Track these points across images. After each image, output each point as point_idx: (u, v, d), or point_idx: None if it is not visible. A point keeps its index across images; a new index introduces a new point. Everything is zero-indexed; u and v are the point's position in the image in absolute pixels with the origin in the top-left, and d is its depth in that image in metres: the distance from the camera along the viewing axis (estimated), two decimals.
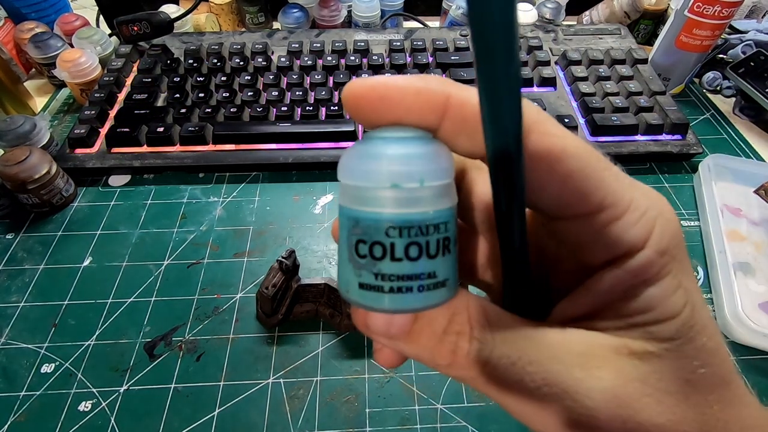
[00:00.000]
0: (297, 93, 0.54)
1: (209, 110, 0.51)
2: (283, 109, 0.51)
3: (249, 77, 0.55)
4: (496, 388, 0.13)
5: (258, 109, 0.51)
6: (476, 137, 0.12)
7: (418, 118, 0.12)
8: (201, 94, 0.53)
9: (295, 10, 0.66)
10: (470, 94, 0.12)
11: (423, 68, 0.57)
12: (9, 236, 0.45)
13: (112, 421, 0.33)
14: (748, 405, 0.13)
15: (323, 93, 0.53)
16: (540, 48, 0.60)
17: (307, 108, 0.51)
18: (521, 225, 0.13)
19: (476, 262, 0.17)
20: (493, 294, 0.17)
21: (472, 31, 0.10)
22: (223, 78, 0.55)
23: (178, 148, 0.50)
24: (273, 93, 0.53)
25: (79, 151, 0.49)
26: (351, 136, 0.49)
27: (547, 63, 0.57)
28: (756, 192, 0.46)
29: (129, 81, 0.57)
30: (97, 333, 0.38)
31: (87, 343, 0.37)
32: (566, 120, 0.50)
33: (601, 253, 0.13)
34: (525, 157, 0.12)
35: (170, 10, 0.64)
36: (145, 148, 0.49)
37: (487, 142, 0.11)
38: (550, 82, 0.56)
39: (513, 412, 0.13)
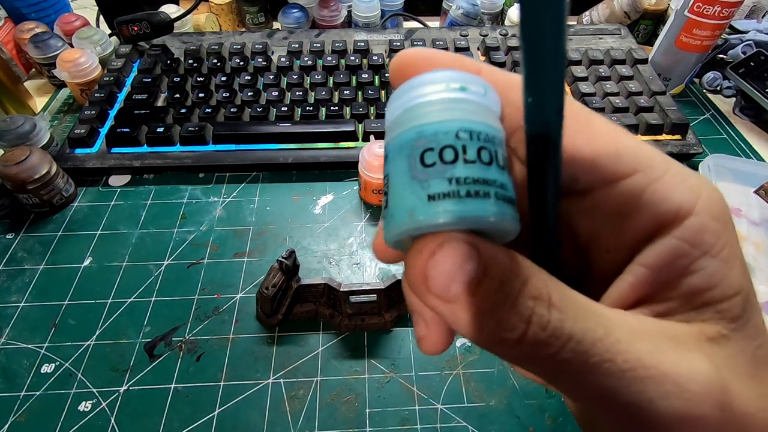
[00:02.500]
0: (297, 93, 0.54)
1: (209, 110, 0.51)
2: (283, 109, 0.51)
3: (249, 77, 0.55)
4: (573, 371, 0.11)
5: (258, 109, 0.51)
6: (505, 107, 0.13)
7: None
8: (201, 94, 0.53)
9: (295, 10, 0.66)
10: (499, 70, 0.13)
11: None
12: (9, 236, 0.45)
13: (112, 421, 0.33)
14: None
15: (323, 93, 0.53)
16: None
17: (307, 108, 0.51)
18: (555, 207, 0.12)
19: None
20: None
21: (523, 12, 0.10)
22: (223, 78, 0.55)
23: (178, 148, 0.50)
24: (273, 93, 0.53)
25: (79, 151, 0.49)
26: (351, 136, 0.49)
27: None
28: (756, 192, 0.46)
29: (129, 81, 0.57)
30: (97, 333, 0.38)
31: (87, 343, 0.37)
32: None
33: (645, 219, 0.12)
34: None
35: (170, 10, 0.64)
36: (145, 148, 0.49)
37: (527, 124, 0.11)
38: None
39: (588, 401, 0.11)
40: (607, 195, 0.12)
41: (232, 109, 0.51)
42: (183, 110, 0.51)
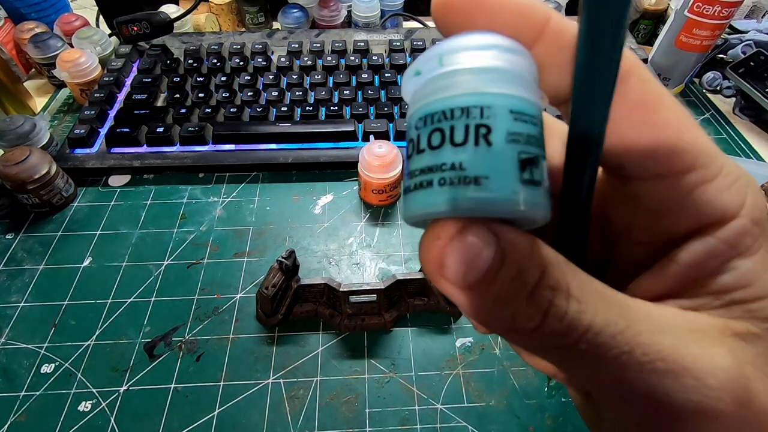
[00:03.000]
0: (297, 93, 0.54)
1: (209, 110, 0.51)
2: (283, 109, 0.51)
3: (249, 77, 0.55)
4: (590, 362, 0.10)
5: (258, 109, 0.51)
6: (566, 74, 0.11)
7: (513, 33, 0.11)
8: (201, 94, 0.53)
9: (295, 10, 0.66)
10: (572, 24, 0.11)
11: None
12: (9, 236, 0.45)
13: (112, 421, 0.33)
14: None
15: (323, 93, 0.53)
16: None
17: (307, 108, 0.51)
18: (589, 194, 0.12)
19: None
20: None
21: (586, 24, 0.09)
22: (223, 78, 0.55)
23: (178, 148, 0.50)
24: (273, 93, 0.53)
25: (79, 151, 0.49)
26: (351, 136, 0.49)
27: None
28: None
29: (129, 81, 0.57)
30: (97, 333, 0.38)
31: (87, 343, 0.37)
32: None
33: (689, 218, 0.12)
34: (621, 104, 0.11)
35: (170, 10, 0.64)
36: (145, 148, 0.49)
37: (572, 127, 0.11)
38: None
39: (602, 392, 0.11)
40: (653, 187, 0.12)
41: (231, 109, 0.51)
42: (183, 110, 0.51)
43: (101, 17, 0.70)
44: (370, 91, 0.54)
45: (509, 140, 0.10)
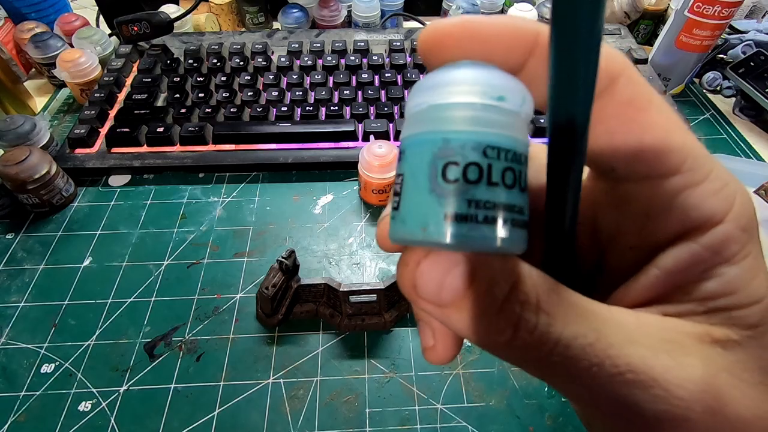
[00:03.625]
0: (297, 93, 0.54)
1: (209, 110, 0.51)
2: (283, 109, 0.51)
3: (249, 77, 0.55)
4: (564, 373, 0.11)
5: (258, 109, 0.51)
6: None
7: (505, 55, 0.11)
8: (201, 94, 0.53)
9: (295, 10, 0.66)
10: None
11: (423, 68, 0.57)
12: (9, 236, 0.45)
13: (112, 421, 0.33)
14: None
15: (323, 93, 0.53)
16: None
17: (307, 108, 0.51)
18: (575, 197, 0.12)
19: None
20: None
21: None
22: (223, 78, 0.55)
23: (178, 148, 0.50)
24: (273, 93, 0.53)
25: (79, 151, 0.49)
26: (351, 136, 0.50)
27: None
28: (756, 192, 0.46)
29: (129, 81, 0.57)
30: (97, 333, 0.38)
31: (87, 343, 0.37)
32: None
33: (673, 222, 0.12)
34: (610, 104, 0.11)
35: (170, 10, 0.64)
36: (145, 148, 0.49)
37: (552, 112, 0.11)
38: None
39: (580, 402, 0.12)
40: (640, 190, 0.12)
41: (232, 109, 0.51)
42: (183, 110, 0.51)
43: (101, 17, 0.70)
44: (370, 91, 0.54)
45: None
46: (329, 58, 0.58)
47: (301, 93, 0.54)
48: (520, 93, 0.11)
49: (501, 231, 0.10)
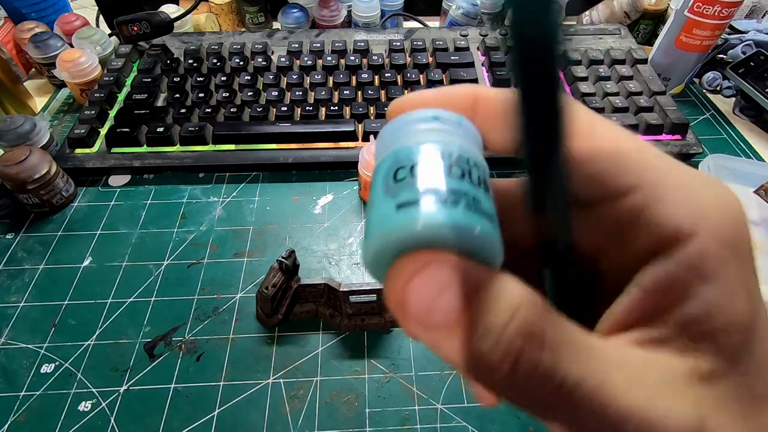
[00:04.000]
0: (297, 93, 0.54)
1: (209, 110, 0.51)
2: (283, 109, 0.51)
3: (249, 77, 0.55)
4: (563, 417, 0.10)
5: (258, 109, 0.51)
6: (506, 133, 0.13)
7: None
8: (201, 94, 0.53)
9: (295, 10, 0.66)
10: (497, 92, 0.13)
11: (423, 68, 0.57)
12: (9, 236, 0.45)
13: (112, 421, 0.33)
14: None
15: (323, 93, 0.53)
16: None
17: (307, 108, 0.51)
18: (564, 214, 0.11)
19: None
20: None
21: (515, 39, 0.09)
22: (223, 78, 0.55)
23: (178, 148, 0.50)
24: (273, 93, 0.53)
25: (79, 151, 0.49)
26: (351, 136, 0.50)
27: None
28: (756, 192, 0.46)
29: (129, 81, 0.57)
30: (97, 333, 0.38)
31: (87, 343, 0.37)
32: None
33: (645, 240, 0.11)
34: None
35: (170, 10, 0.64)
36: (145, 148, 0.49)
37: (526, 150, 0.10)
38: None
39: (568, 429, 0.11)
40: (608, 211, 0.12)
41: (232, 109, 0.51)
42: (183, 110, 0.51)
43: (101, 17, 0.70)
44: (370, 91, 0.54)
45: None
46: (329, 58, 0.58)
47: (301, 93, 0.54)
48: (455, 115, 0.13)
49: (458, 211, 0.10)
